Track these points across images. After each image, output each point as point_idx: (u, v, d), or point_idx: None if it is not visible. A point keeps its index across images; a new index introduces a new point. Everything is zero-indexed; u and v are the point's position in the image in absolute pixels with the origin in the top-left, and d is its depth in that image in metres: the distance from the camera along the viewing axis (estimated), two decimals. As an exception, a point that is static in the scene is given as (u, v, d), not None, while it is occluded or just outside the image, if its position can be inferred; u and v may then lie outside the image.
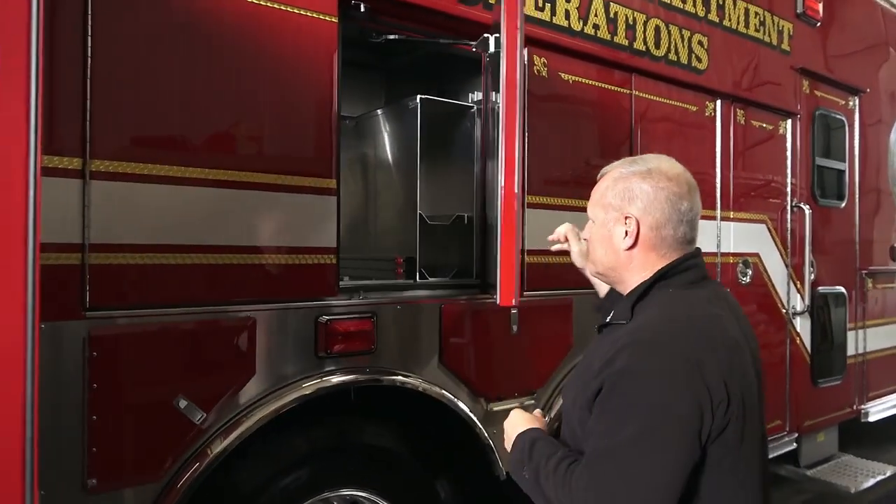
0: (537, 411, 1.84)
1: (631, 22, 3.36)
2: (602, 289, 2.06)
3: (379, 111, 3.19)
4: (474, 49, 2.73)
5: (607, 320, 1.64)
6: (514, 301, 2.51)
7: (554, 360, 3.05)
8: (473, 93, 3.01)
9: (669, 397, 1.35)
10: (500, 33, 2.47)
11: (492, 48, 2.64)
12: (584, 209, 1.72)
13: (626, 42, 3.34)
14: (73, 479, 1.91)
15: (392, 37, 2.62)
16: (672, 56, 3.56)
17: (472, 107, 2.94)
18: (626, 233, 1.54)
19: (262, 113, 2.26)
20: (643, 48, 3.42)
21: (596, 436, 1.40)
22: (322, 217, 2.39)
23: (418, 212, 2.79)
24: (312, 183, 2.36)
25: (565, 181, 3.06)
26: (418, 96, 2.80)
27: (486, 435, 2.73)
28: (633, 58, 3.37)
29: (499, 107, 2.57)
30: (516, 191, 2.48)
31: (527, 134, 2.78)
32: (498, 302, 2.51)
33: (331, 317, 2.37)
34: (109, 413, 1.96)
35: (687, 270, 1.56)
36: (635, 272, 1.57)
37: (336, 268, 2.41)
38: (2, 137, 1.47)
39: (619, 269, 1.60)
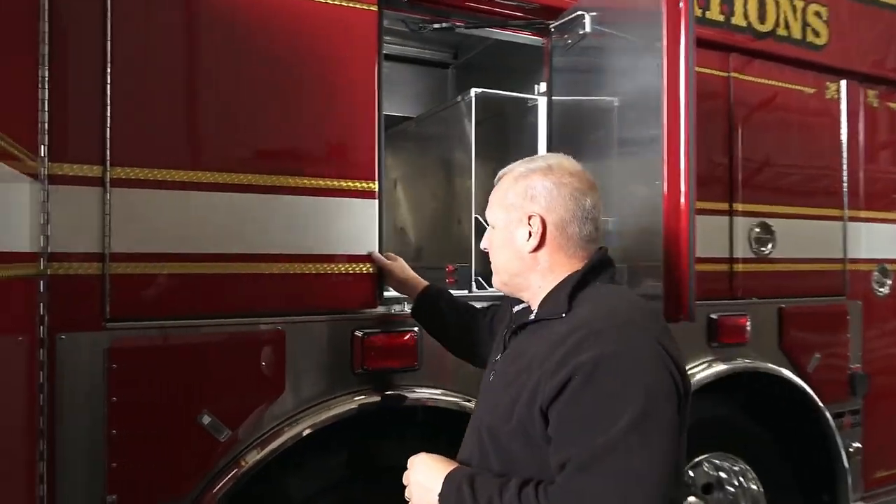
0: None
1: (728, -7, 2.93)
2: None
3: (437, 110, 3.00)
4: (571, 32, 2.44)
5: (532, 318, 1.46)
6: (688, 316, 2.08)
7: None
8: (539, 83, 2.73)
9: (659, 376, 1.24)
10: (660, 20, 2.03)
11: (587, 28, 2.33)
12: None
13: (721, 18, 2.92)
14: (94, 495, 1.86)
15: (437, 26, 2.40)
16: (782, 31, 3.07)
17: (534, 99, 2.66)
18: (531, 233, 1.44)
19: (295, 111, 2.13)
20: (744, 23, 2.97)
21: (579, 436, 1.20)
22: (362, 222, 2.22)
23: (473, 216, 2.55)
24: (351, 185, 2.20)
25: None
26: (472, 90, 2.57)
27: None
28: (730, 35, 2.93)
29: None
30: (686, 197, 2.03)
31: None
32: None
33: (368, 330, 2.20)
34: (130, 428, 1.89)
35: (610, 266, 1.48)
36: (542, 276, 1.45)
37: (376, 277, 2.23)
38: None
39: (524, 273, 1.47)
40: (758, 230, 2.99)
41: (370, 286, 2.22)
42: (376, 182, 2.24)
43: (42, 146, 1.81)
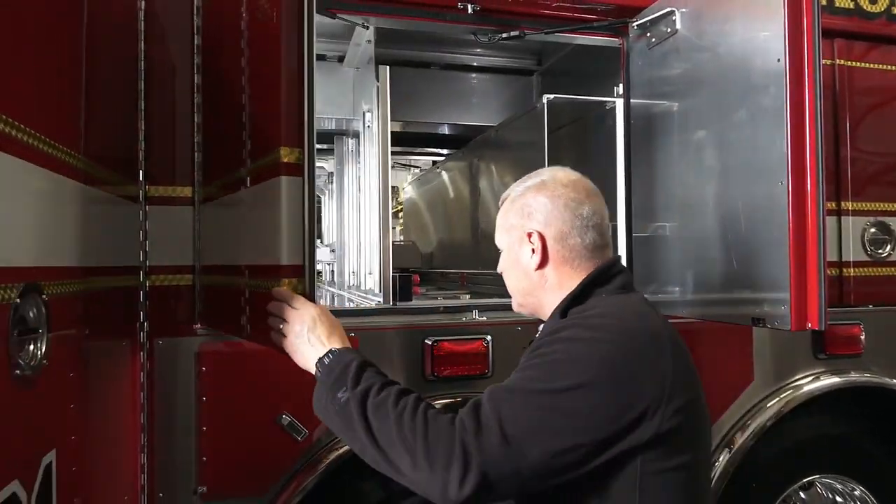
0: None
1: (830, -24, 2.70)
2: None
3: (514, 118, 3.01)
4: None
5: (537, 335, 1.44)
6: (818, 324, 1.85)
7: (726, 395, 2.54)
8: (617, 86, 2.66)
9: (618, 355, 1.22)
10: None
11: (678, 25, 2.23)
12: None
13: (824, 2, 2.69)
14: (187, 485, 2.05)
15: (505, 35, 2.42)
16: (898, 10, 2.78)
17: (611, 102, 2.60)
18: (533, 250, 1.43)
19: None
20: (850, 5, 2.72)
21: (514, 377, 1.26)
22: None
23: (547, 223, 2.53)
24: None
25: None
26: (544, 97, 2.56)
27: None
28: (834, 19, 2.70)
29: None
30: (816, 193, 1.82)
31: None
32: (791, 327, 1.85)
33: (438, 338, 2.25)
34: (217, 425, 2.07)
35: (618, 275, 1.43)
36: (553, 292, 1.44)
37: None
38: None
39: (535, 292, 1.47)
40: (873, 230, 2.72)
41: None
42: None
43: (140, 171, 2.04)
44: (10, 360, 1.08)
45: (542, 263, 1.43)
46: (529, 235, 1.44)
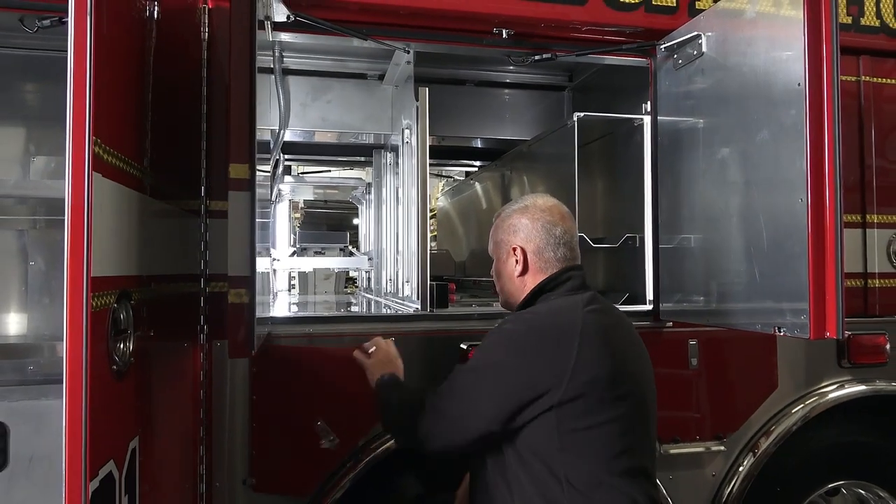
0: None
1: (855, -8, 2.77)
2: None
3: (546, 133, 3.13)
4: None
5: None
6: (835, 333, 1.92)
7: (750, 401, 2.62)
8: (645, 104, 2.77)
9: (514, 353, 1.61)
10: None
11: (704, 49, 2.33)
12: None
13: (849, 20, 2.77)
14: (239, 477, 2.22)
15: (538, 57, 2.55)
16: (924, 26, 2.84)
17: (638, 119, 2.71)
18: (516, 261, 1.82)
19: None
20: (876, 23, 2.79)
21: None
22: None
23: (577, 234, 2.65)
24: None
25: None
26: (575, 114, 2.68)
27: (655, 480, 2.45)
28: (860, 37, 2.77)
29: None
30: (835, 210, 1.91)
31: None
32: (810, 336, 1.92)
33: (473, 343, 2.38)
34: (266, 423, 2.23)
35: (567, 281, 1.77)
36: (524, 295, 1.82)
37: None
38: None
39: (514, 294, 1.85)
40: (899, 242, 2.78)
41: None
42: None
43: (202, 187, 2.22)
44: (109, 356, 1.25)
45: (523, 272, 1.82)
46: (514, 249, 1.82)
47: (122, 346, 1.34)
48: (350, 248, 4.90)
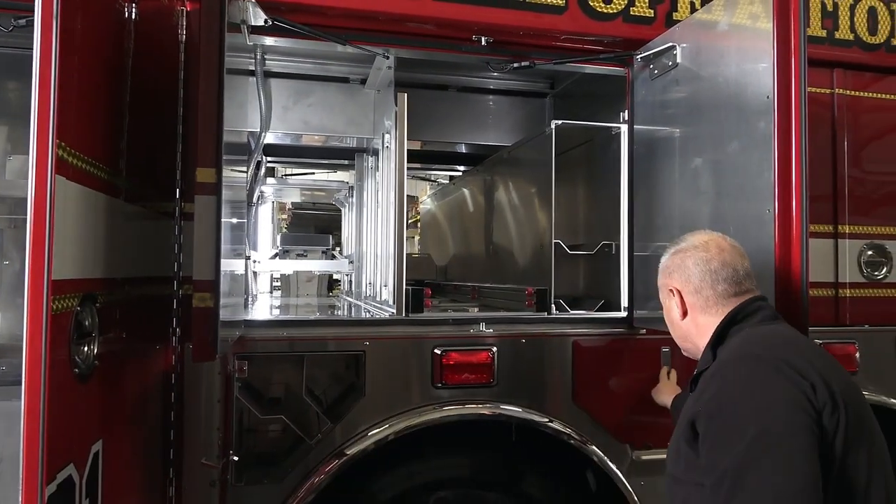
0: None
1: (830, 7, 2.81)
2: None
3: (525, 140, 3.16)
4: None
5: (695, 373, 1.68)
6: None
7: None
8: (623, 111, 2.80)
9: (775, 395, 1.37)
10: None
11: (679, 60, 2.36)
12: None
13: (823, 33, 2.81)
14: (207, 479, 2.21)
15: (516, 65, 2.57)
16: (897, 41, 2.89)
17: (616, 127, 2.74)
18: (676, 304, 1.74)
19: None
20: (850, 37, 2.84)
21: (709, 463, 1.40)
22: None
23: (553, 241, 2.67)
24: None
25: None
26: (553, 122, 2.70)
27: (627, 485, 2.47)
28: (834, 50, 2.82)
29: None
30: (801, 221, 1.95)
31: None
32: None
33: (447, 348, 2.39)
34: (238, 416, 2.24)
35: (756, 312, 1.64)
36: (700, 336, 1.70)
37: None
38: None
39: (689, 338, 1.75)
40: (870, 253, 2.82)
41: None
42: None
43: (177, 189, 2.22)
44: (71, 360, 1.25)
45: (684, 314, 1.72)
46: (671, 292, 1.75)
47: (85, 348, 1.34)
48: (333, 251, 4.90)
